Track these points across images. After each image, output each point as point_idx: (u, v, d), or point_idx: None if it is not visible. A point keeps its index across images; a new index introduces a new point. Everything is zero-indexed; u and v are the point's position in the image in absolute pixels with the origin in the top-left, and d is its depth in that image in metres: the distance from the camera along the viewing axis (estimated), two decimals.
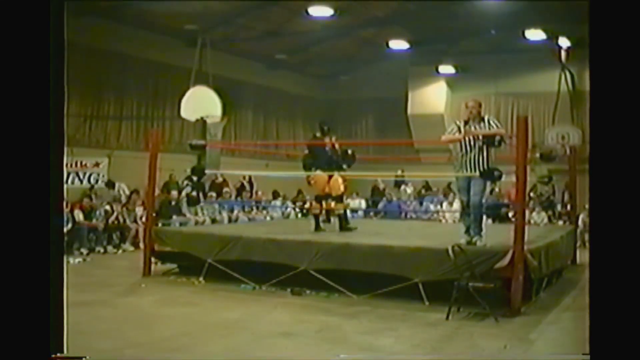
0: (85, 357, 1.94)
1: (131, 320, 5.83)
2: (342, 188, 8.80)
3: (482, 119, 6.88)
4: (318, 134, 8.91)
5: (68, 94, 1.77)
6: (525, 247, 6.49)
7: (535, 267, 6.62)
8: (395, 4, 15.04)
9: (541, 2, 13.96)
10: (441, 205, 15.30)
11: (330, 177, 8.64)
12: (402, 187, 17.12)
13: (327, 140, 8.72)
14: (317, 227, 8.74)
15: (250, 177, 15.75)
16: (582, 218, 12.58)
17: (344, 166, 8.90)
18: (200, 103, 13.11)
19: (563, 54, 16.43)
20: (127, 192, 12.56)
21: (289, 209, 15.29)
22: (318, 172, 8.63)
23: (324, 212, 9.08)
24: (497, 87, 17.80)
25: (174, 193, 12.81)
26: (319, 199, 8.77)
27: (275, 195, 16.24)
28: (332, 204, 8.80)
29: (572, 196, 11.15)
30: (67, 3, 1.74)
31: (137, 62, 14.71)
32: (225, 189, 14.48)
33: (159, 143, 8.92)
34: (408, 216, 15.68)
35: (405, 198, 16.65)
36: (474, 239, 6.82)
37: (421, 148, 17.60)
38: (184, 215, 12.43)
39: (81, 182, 12.94)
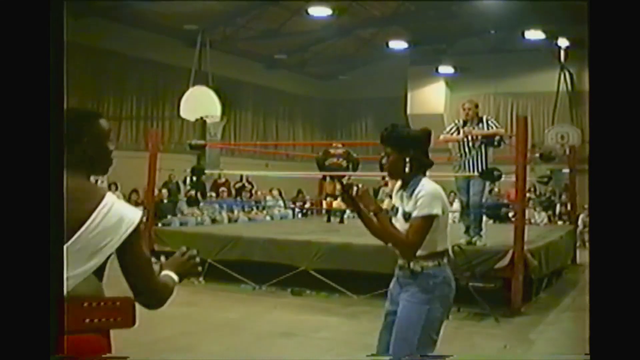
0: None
1: None
2: None
3: (480, 120, 6.89)
4: None
5: (68, 94, 1.76)
6: (525, 247, 6.49)
7: (535, 267, 6.62)
8: (395, 4, 15.05)
9: (541, 2, 13.95)
10: None
11: None
12: None
13: None
14: None
15: (248, 177, 15.72)
16: (582, 218, 12.59)
17: None
18: (200, 103, 13.09)
19: (562, 54, 16.44)
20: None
21: (288, 209, 15.27)
22: None
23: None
24: (496, 87, 17.79)
25: (166, 192, 12.73)
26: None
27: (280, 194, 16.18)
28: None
29: (572, 196, 11.16)
30: (67, 3, 1.73)
31: (137, 62, 14.71)
32: (222, 188, 14.42)
33: (158, 143, 8.92)
34: None
35: None
36: (474, 239, 6.82)
37: None
38: (184, 215, 12.41)
39: None
